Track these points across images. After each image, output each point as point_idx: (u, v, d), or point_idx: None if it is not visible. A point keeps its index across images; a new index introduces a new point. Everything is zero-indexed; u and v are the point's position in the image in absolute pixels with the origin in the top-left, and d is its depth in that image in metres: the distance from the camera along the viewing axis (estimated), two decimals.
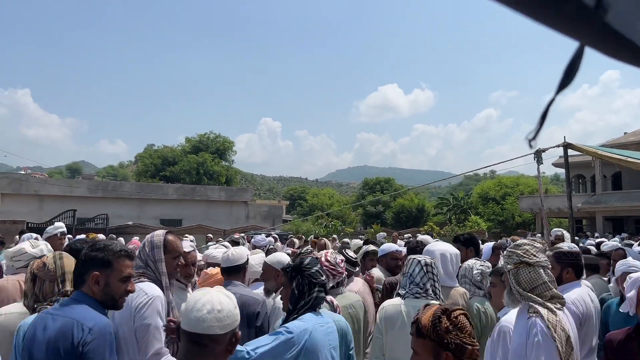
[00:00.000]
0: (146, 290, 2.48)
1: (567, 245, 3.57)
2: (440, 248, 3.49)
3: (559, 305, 2.41)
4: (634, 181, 29.76)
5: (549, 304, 2.37)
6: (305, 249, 6.40)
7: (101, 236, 9.56)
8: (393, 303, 2.88)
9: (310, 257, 2.69)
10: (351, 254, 3.95)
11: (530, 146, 1.16)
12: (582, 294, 3.09)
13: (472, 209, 46.02)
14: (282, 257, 3.46)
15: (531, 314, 2.36)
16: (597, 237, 13.78)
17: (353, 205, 51.44)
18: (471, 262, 3.60)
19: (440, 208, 51.74)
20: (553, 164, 34.54)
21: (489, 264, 3.64)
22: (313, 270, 2.56)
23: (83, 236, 6.84)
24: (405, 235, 23.22)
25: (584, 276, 3.57)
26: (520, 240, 2.64)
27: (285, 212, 66.09)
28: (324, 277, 2.59)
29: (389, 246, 4.98)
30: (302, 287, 2.51)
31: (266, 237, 10.83)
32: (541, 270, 2.46)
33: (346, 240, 9.75)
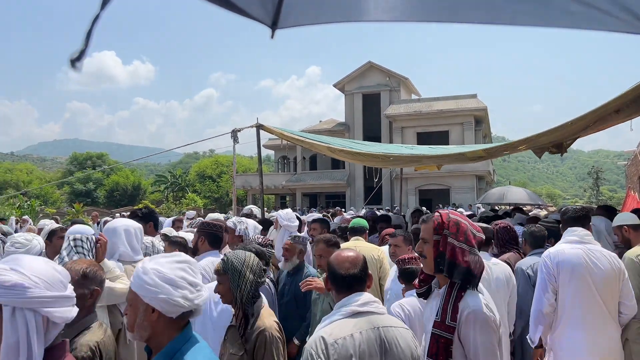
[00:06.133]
0: None
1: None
2: (123, 224, 3.35)
3: None
4: (326, 162, 35.16)
5: None
6: None
7: None
8: None
9: None
10: None
11: (74, 66, 1.07)
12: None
13: (189, 187, 46.61)
14: None
15: None
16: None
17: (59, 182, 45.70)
18: None
19: (157, 186, 50.64)
20: (264, 146, 37.75)
21: None
22: None
23: None
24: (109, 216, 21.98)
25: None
26: None
27: None
28: None
29: None
30: None
31: None
32: None
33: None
